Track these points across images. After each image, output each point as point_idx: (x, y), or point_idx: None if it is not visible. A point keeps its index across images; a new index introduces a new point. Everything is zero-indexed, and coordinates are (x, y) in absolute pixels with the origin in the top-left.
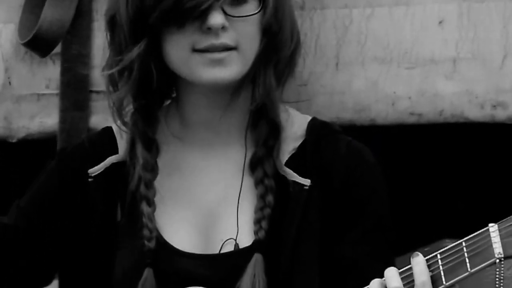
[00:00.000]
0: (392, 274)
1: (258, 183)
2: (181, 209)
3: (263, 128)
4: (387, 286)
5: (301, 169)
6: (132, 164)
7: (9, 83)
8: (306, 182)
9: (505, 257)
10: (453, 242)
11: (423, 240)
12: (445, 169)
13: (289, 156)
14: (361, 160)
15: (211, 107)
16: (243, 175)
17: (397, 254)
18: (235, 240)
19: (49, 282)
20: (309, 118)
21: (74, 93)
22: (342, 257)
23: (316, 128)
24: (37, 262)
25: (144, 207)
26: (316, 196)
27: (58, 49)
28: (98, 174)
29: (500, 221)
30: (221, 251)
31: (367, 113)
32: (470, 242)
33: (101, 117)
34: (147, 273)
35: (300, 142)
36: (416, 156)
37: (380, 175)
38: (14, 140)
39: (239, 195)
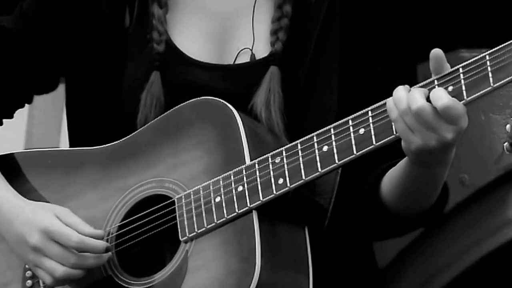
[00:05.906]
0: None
1: None
2: (194, 17)
3: None
4: (411, 105)
5: None
6: None
7: None
8: None
9: None
10: (469, 53)
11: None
12: None
13: None
14: None
15: None
16: None
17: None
18: (251, 50)
19: (54, 87)
20: None
21: None
22: (362, 72)
23: None
24: (42, 66)
25: (155, 9)
26: (338, 7)
27: None
28: None
29: None
30: (236, 62)
31: None
32: (494, 56)
33: None
34: (154, 76)
35: None
36: None
37: None
38: None
39: (255, 3)
